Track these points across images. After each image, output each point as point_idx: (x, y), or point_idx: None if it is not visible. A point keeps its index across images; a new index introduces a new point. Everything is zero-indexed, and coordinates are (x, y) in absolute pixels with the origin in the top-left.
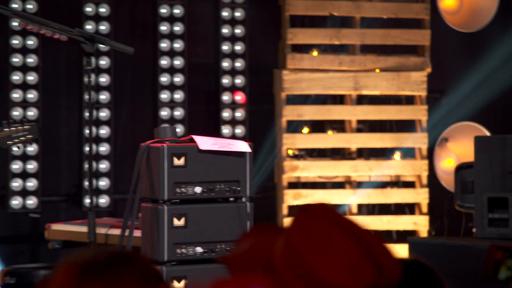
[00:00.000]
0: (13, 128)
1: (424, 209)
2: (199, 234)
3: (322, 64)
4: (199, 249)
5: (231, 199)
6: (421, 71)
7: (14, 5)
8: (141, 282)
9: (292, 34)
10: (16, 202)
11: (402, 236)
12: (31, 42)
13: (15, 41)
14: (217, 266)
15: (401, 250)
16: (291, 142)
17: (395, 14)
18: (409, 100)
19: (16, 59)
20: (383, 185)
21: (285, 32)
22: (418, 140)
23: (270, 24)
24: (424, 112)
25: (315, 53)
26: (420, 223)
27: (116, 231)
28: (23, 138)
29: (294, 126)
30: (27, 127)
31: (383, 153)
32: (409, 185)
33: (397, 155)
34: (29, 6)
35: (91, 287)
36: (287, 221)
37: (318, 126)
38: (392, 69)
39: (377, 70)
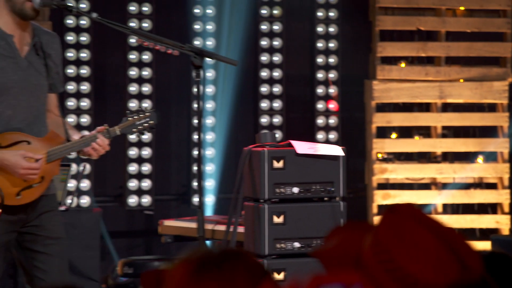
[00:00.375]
0: (136, 117)
1: (506, 209)
2: (297, 231)
3: (409, 74)
4: (296, 244)
5: (326, 198)
6: (503, 81)
7: (132, 24)
8: (250, 276)
9: (381, 47)
10: (132, 200)
11: (485, 234)
12: (146, 56)
13: (132, 56)
14: (314, 260)
15: (484, 247)
16: (380, 147)
17: (478, 28)
18: (491, 108)
19: (133, 72)
20: (466, 186)
21: (375, 45)
22: (500, 145)
23: (361, 38)
24: (506, 119)
25: (403, 64)
26: (502, 222)
27: (222, 227)
28: (146, 125)
29: (383, 132)
30: (147, 113)
31: (467, 157)
32: (492, 186)
33: (480, 159)
34: (145, 25)
35: (207, 281)
36: (376, 220)
37: (405, 132)
38: (475, 79)
39: (461, 80)
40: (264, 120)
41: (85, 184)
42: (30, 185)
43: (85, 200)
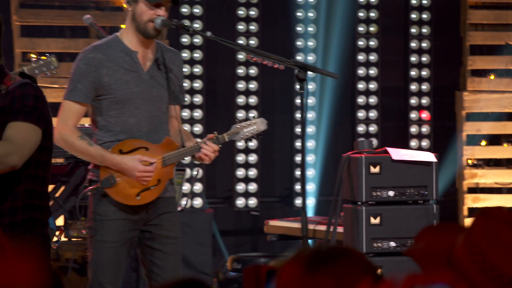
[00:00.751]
0: (243, 124)
1: None
2: (392, 231)
3: (498, 86)
4: (392, 244)
5: (420, 201)
6: None
7: (240, 41)
8: (362, 272)
9: (472, 61)
10: (240, 202)
11: None
12: (252, 71)
13: (240, 70)
14: (408, 259)
15: None
16: (470, 153)
17: None
18: None
19: (240, 85)
20: None
21: (465, 59)
22: None
23: (452, 53)
24: None
25: (492, 77)
26: None
27: (322, 227)
28: (253, 132)
29: (473, 140)
30: (254, 121)
31: None
32: None
33: None
34: (252, 42)
35: (321, 276)
36: (467, 222)
37: (494, 140)
38: None
39: None
40: (360, 128)
41: (198, 187)
42: (148, 187)
43: (198, 202)
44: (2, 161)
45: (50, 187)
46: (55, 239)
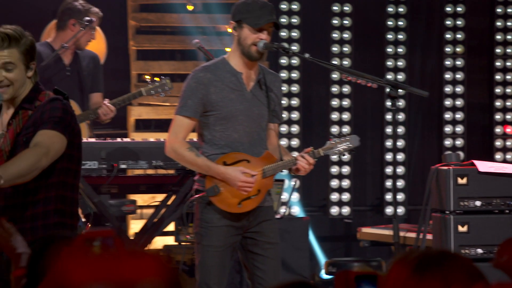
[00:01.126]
0: (337, 140)
1: None
2: (479, 239)
3: None
4: (479, 251)
5: (506, 211)
6: None
7: (334, 61)
8: (468, 277)
9: None
10: (334, 210)
11: None
12: (345, 89)
13: (334, 89)
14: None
15: None
16: None
17: None
18: None
19: (334, 102)
20: None
21: None
22: None
23: None
24: None
25: None
26: None
27: (412, 235)
28: (346, 148)
29: None
30: (348, 138)
31: None
32: None
33: None
34: (345, 62)
35: (429, 279)
36: None
37: None
38: None
39: None
40: (447, 142)
41: (295, 196)
42: (248, 197)
43: (295, 210)
44: (36, 167)
45: (162, 196)
46: None
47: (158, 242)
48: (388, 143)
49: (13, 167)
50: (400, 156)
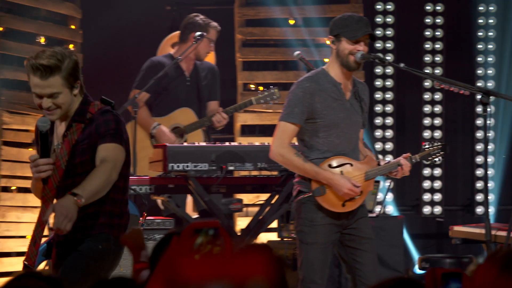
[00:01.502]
0: (431, 148)
1: None
2: None
3: None
4: None
5: None
6: None
7: (426, 70)
8: None
9: None
10: (426, 209)
11: None
12: (437, 96)
13: (426, 96)
14: None
15: None
16: None
17: None
18: None
19: (426, 108)
20: None
21: None
22: None
23: None
24: None
25: None
26: None
27: (503, 233)
28: (438, 155)
29: None
30: (440, 145)
31: None
32: None
33: None
34: (437, 71)
35: None
36: None
37: None
38: None
39: None
40: None
41: (390, 196)
42: (353, 197)
43: (390, 209)
44: (109, 182)
45: (266, 195)
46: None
47: (262, 238)
48: (478, 147)
49: (90, 186)
50: (490, 159)
